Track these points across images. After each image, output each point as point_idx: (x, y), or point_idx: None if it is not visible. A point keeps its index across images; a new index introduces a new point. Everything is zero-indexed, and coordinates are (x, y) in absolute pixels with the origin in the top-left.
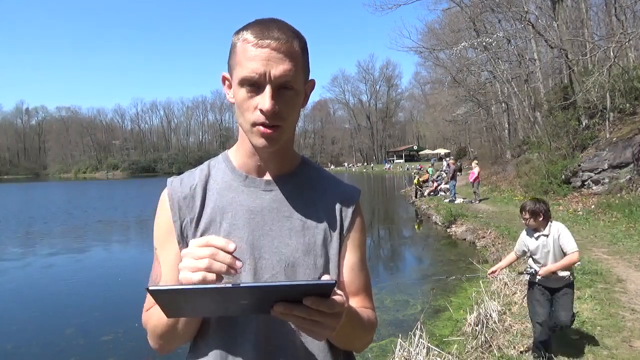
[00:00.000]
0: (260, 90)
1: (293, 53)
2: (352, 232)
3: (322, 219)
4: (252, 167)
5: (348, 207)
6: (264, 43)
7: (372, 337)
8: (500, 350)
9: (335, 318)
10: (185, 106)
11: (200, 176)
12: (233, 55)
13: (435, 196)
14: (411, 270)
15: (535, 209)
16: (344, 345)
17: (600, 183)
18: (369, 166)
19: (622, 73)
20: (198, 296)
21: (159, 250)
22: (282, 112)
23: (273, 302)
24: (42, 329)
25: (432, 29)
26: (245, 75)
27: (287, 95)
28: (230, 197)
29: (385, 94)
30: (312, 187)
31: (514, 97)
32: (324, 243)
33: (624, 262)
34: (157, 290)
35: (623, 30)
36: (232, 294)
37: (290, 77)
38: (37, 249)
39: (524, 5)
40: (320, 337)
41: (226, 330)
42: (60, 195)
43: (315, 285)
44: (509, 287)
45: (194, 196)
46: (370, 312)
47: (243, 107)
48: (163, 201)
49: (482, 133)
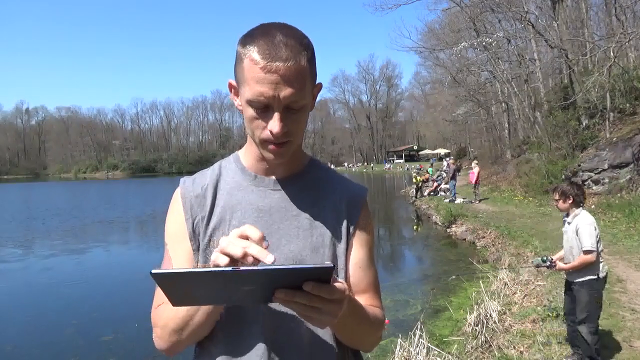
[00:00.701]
0: (269, 110)
1: (301, 72)
2: (359, 230)
3: (330, 218)
4: (261, 168)
5: (355, 206)
6: (272, 67)
7: (379, 336)
8: (500, 350)
9: (336, 305)
10: (185, 106)
11: (211, 176)
12: (240, 69)
13: (435, 196)
14: (411, 270)
15: (565, 190)
16: (351, 341)
17: (600, 183)
18: (369, 166)
19: (622, 73)
20: (200, 281)
21: (170, 246)
22: (291, 130)
23: (274, 289)
24: (41, 329)
25: (432, 29)
26: (254, 97)
27: (295, 114)
28: (239, 196)
29: (385, 94)
30: (320, 187)
31: (514, 97)
32: (332, 241)
33: (624, 262)
34: (160, 273)
35: (623, 30)
36: (233, 278)
37: (298, 97)
38: (36, 250)
39: (524, 5)
40: (322, 324)
41: (233, 330)
42: (61, 196)
43: (313, 269)
44: (509, 287)
45: (205, 195)
46: (378, 310)
47: (252, 124)
48: (176, 200)
49: (482, 133)
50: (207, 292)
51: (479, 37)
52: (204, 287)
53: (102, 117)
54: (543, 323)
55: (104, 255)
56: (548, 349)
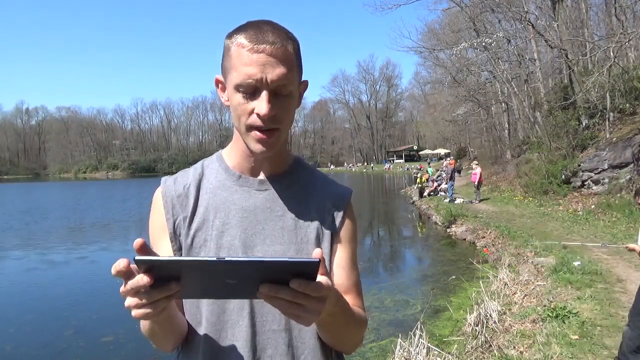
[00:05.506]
0: (256, 95)
1: (288, 56)
2: (342, 231)
3: (314, 218)
4: (246, 167)
5: (339, 207)
6: (259, 48)
7: (362, 337)
8: (500, 350)
9: (320, 302)
10: (185, 106)
11: (194, 175)
12: (227, 58)
13: (435, 196)
14: (411, 270)
15: None
16: (337, 341)
17: (600, 183)
18: (369, 166)
19: (622, 73)
20: (183, 271)
21: (152, 248)
22: (278, 116)
23: (259, 283)
24: (41, 330)
25: (432, 29)
26: (242, 81)
27: (282, 99)
28: (223, 196)
29: (385, 94)
30: (304, 187)
31: (514, 97)
32: (316, 242)
33: (624, 262)
34: (144, 260)
35: (623, 30)
36: (217, 268)
37: (286, 81)
38: (36, 250)
39: (524, 5)
40: (305, 322)
41: (215, 328)
42: (61, 196)
43: (299, 263)
44: (509, 287)
45: (187, 195)
46: (361, 311)
47: (239, 111)
48: (157, 200)
49: (482, 133)
50: (190, 283)
51: (479, 37)
52: (187, 278)
53: (102, 117)
54: (543, 323)
55: (105, 255)
56: (548, 349)
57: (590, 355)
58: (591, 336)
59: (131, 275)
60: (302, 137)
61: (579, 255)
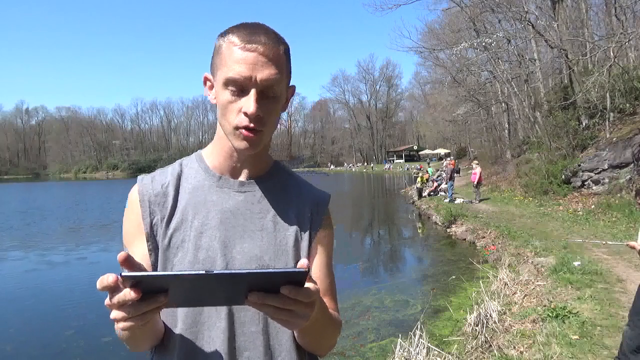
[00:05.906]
0: (244, 94)
1: (279, 58)
2: (320, 235)
3: (293, 221)
4: (226, 168)
5: (319, 211)
6: (251, 47)
7: (336, 339)
8: (500, 350)
9: (309, 307)
10: (185, 106)
11: (172, 174)
12: (217, 56)
13: (435, 196)
14: (411, 270)
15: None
16: (313, 344)
17: (600, 183)
18: (369, 166)
19: (622, 73)
20: (171, 284)
21: (127, 249)
22: (264, 118)
23: (247, 292)
24: (41, 330)
25: (432, 29)
26: (231, 76)
27: (269, 101)
28: (202, 196)
29: (385, 94)
30: (284, 190)
31: (514, 97)
32: (295, 244)
33: (624, 262)
34: (131, 276)
35: (623, 30)
36: (205, 281)
37: (274, 82)
38: (35, 250)
39: (524, 5)
40: (295, 327)
41: (192, 330)
42: (60, 196)
43: (288, 273)
44: (509, 287)
45: (166, 194)
46: (336, 314)
47: (226, 109)
48: (133, 198)
49: (482, 133)
50: (178, 294)
51: (479, 37)
52: (175, 290)
53: (102, 117)
54: (543, 323)
55: (105, 255)
56: (548, 349)
57: (590, 355)
58: (591, 336)
59: (117, 289)
60: (302, 137)
61: (579, 255)
